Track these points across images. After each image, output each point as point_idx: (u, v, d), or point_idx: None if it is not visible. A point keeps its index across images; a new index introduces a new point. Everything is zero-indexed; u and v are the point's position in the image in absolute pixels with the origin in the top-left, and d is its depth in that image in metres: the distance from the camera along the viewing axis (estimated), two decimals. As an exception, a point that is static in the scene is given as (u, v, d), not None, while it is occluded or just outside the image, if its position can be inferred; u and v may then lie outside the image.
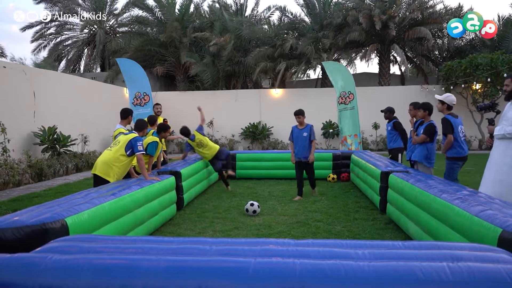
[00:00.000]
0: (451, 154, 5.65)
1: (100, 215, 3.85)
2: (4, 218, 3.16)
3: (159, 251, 2.40)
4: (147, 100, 11.13)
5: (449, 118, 5.64)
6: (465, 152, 5.66)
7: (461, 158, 5.64)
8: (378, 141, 18.10)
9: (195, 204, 7.24)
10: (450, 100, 5.77)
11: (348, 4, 21.20)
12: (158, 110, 8.28)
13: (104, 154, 5.30)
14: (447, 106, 5.76)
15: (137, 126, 5.73)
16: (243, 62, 19.98)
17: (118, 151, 5.23)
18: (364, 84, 21.60)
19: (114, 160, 5.20)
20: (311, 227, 5.49)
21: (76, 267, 2.16)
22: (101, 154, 5.39)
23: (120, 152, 5.22)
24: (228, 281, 2.07)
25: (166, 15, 21.08)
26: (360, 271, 2.07)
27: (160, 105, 8.46)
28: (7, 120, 9.67)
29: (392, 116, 7.88)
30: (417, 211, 4.61)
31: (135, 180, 5.26)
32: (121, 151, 5.22)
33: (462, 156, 5.64)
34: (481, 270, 2.04)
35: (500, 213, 3.20)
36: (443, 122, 5.63)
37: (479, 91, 16.90)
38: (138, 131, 5.64)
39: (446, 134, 5.60)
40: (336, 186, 8.85)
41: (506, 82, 4.63)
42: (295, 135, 7.90)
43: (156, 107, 8.36)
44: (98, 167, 5.19)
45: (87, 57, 24.56)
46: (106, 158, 5.22)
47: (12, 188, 8.93)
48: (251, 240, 2.68)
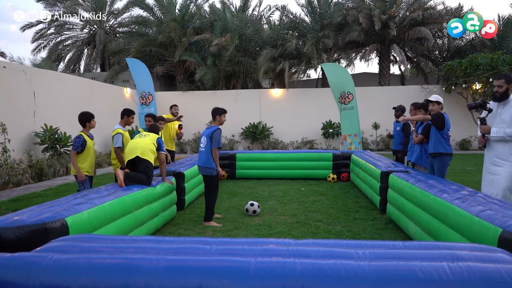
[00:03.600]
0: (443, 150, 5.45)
1: (100, 215, 3.85)
2: (4, 218, 3.17)
3: (159, 250, 2.40)
4: (150, 99, 11.37)
5: (445, 115, 5.52)
6: (452, 150, 5.54)
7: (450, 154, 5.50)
8: (378, 141, 18.10)
9: (195, 204, 7.25)
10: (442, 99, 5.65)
11: (348, 4, 21.21)
12: (176, 111, 8.17)
13: (139, 141, 5.36)
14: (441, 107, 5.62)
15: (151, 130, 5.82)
16: (243, 62, 19.98)
17: (149, 144, 5.37)
18: (364, 84, 21.60)
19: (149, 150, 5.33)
20: (311, 227, 5.49)
21: (77, 266, 2.17)
22: (134, 141, 5.43)
23: (151, 147, 5.36)
24: (228, 280, 2.08)
25: (166, 15, 21.09)
26: (361, 271, 2.07)
27: (177, 106, 8.31)
28: (7, 120, 9.67)
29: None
30: (417, 211, 4.61)
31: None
32: (152, 147, 5.37)
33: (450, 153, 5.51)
34: (481, 270, 2.05)
35: (500, 213, 3.20)
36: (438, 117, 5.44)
37: (479, 91, 16.90)
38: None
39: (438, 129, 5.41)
40: (336, 186, 8.85)
41: (499, 83, 4.50)
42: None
43: (175, 108, 8.19)
44: (141, 150, 5.24)
45: (87, 57, 24.56)
46: (145, 144, 5.32)
47: (12, 188, 8.93)
48: (252, 240, 2.68)
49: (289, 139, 18.68)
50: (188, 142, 18.81)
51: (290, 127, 18.70)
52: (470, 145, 17.89)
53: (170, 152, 8.02)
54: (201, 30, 20.81)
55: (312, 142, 18.31)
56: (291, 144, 18.59)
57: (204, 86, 19.98)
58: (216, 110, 5.87)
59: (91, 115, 5.65)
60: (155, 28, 21.93)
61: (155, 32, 21.65)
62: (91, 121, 5.62)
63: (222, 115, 5.89)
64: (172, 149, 8.25)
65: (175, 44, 20.28)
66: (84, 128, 5.59)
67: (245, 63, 20.02)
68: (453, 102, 17.22)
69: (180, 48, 19.64)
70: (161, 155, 5.55)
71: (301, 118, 18.63)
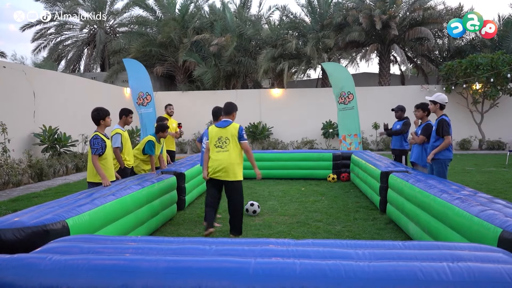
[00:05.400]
0: (444, 156, 5.44)
1: (101, 216, 3.83)
2: (4, 219, 3.15)
3: (159, 251, 2.40)
4: (149, 100, 11.36)
5: (447, 119, 5.45)
6: (450, 155, 5.48)
7: (450, 159, 5.49)
8: (378, 141, 18.10)
9: (195, 204, 7.25)
10: (442, 99, 5.54)
11: (348, 4, 21.21)
12: (171, 110, 8.41)
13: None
14: (440, 106, 5.53)
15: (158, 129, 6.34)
16: (243, 62, 19.98)
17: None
18: (364, 84, 21.60)
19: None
20: (311, 227, 5.49)
21: (76, 267, 2.16)
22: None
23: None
24: (228, 281, 2.07)
25: (166, 14, 21.09)
26: (360, 271, 2.07)
27: (172, 106, 8.54)
28: (7, 120, 9.67)
29: (403, 116, 7.49)
30: (417, 211, 4.61)
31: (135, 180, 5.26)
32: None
33: (451, 158, 5.49)
34: (481, 270, 2.05)
35: (500, 213, 3.20)
36: (441, 123, 5.38)
37: (479, 91, 16.90)
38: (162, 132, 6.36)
39: (444, 136, 5.35)
40: (336, 186, 8.85)
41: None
42: None
43: (169, 108, 8.42)
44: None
45: (87, 57, 24.55)
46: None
47: (12, 188, 8.93)
48: (251, 240, 2.68)
49: (289, 139, 18.68)
50: (188, 142, 18.81)
51: (290, 127, 18.70)
52: (470, 145, 17.88)
53: (170, 152, 8.05)
54: (201, 30, 20.81)
55: (312, 142, 18.31)
56: (291, 144, 18.59)
57: (204, 86, 19.99)
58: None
59: (107, 112, 5.02)
60: (155, 28, 21.93)
61: (155, 32, 21.66)
62: (106, 119, 4.98)
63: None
64: (172, 149, 8.29)
65: (175, 44, 20.28)
66: (98, 126, 4.97)
67: (245, 63, 20.02)
68: (453, 102, 17.21)
69: (183, 50, 19.63)
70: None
71: (301, 118, 18.63)
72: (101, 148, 4.80)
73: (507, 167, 11.50)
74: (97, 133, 4.87)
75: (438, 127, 5.42)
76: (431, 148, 5.57)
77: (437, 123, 5.48)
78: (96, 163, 4.75)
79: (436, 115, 5.63)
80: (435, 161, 5.52)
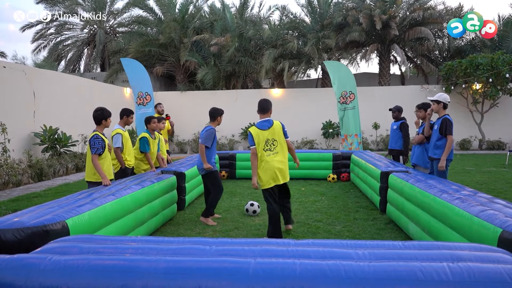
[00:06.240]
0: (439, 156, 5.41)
1: (101, 216, 3.83)
2: (4, 219, 3.15)
3: (158, 251, 2.40)
4: (148, 100, 11.40)
5: (450, 118, 5.46)
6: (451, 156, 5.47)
7: (451, 159, 5.48)
8: (378, 141, 18.10)
9: (195, 204, 7.25)
10: (445, 98, 5.56)
11: (348, 4, 21.20)
12: (162, 109, 8.54)
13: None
14: (443, 105, 5.54)
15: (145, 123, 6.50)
16: (243, 62, 19.98)
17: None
18: (364, 84, 21.60)
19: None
20: (311, 227, 5.48)
21: (76, 267, 2.16)
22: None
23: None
24: (228, 281, 2.07)
25: (166, 14, 21.09)
26: (360, 271, 2.07)
27: (162, 104, 8.71)
28: (8, 120, 9.67)
29: (400, 116, 7.54)
30: (417, 211, 4.61)
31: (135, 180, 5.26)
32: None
33: (451, 158, 5.47)
34: (481, 270, 2.04)
35: (500, 213, 3.20)
36: (444, 122, 5.38)
37: (479, 91, 16.90)
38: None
39: (447, 135, 5.35)
40: (336, 186, 8.84)
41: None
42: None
43: (160, 106, 8.56)
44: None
45: (87, 57, 24.55)
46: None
47: (12, 188, 8.93)
48: (251, 240, 2.67)
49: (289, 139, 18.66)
50: (188, 142, 18.81)
51: (290, 127, 18.51)
52: (470, 145, 17.88)
53: None
54: (201, 30, 20.81)
55: (312, 142, 18.31)
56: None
57: (204, 86, 19.98)
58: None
59: (109, 113, 5.09)
60: (155, 28, 21.93)
61: (155, 32, 21.66)
62: (107, 120, 5.06)
63: (221, 116, 5.89)
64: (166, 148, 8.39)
65: (175, 44, 20.28)
66: (98, 126, 5.02)
67: (245, 63, 20.01)
68: (453, 102, 17.20)
69: (184, 50, 19.62)
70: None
71: (301, 118, 18.62)
72: (101, 147, 4.86)
73: (507, 167, 11.50)
74: (97, 133, 4.91)
75: (442, 126, 5.42)
76: (433, 146, 5.57)
77: (440, 122, 5.48)
78: (96, 162, 4.82)
79: (438, 114, 5.63)
80: (435, 161, 5.52)
